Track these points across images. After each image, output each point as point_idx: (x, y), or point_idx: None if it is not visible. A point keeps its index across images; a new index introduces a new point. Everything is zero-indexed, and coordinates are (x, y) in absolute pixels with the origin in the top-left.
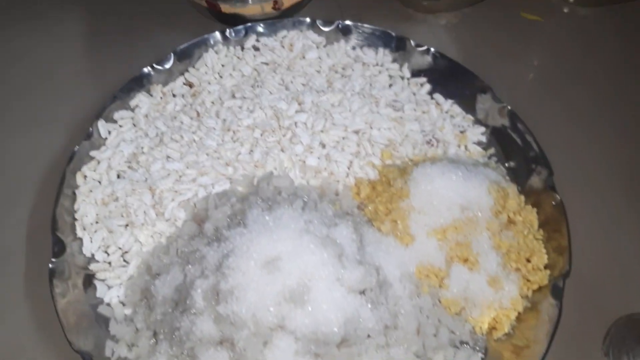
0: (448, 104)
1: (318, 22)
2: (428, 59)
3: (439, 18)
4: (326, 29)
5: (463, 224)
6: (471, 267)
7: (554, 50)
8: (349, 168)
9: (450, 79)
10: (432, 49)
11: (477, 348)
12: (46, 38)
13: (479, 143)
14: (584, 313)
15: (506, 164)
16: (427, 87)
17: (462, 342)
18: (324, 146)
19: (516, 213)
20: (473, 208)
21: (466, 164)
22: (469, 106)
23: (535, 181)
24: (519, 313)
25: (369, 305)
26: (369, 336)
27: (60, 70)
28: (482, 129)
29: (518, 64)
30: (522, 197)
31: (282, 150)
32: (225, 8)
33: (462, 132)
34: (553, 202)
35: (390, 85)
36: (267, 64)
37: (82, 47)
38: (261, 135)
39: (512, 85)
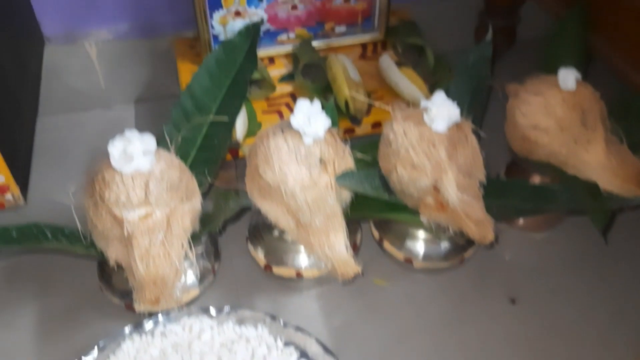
0: None
1: (211, 309)
2: (294, 332)
3: (311, 291)
4: (217, 314)
5: None
6: None
7: (394, 309)
8: None
9: (312, 348)
10: (295, 325)
11: None
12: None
13: None
14: None
15: None
16: (295, 355)
17: None
18: None
19: None
20: None
21: None
22: None
23: None
24: None
25: None
26: None
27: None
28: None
29: (367, 324)
30: None
31: None
32: (138, 308)
33: None
34: None
35: (264, 357)
36: (171, 345)
37: (25, 335)
38: None
39: (358, 344)
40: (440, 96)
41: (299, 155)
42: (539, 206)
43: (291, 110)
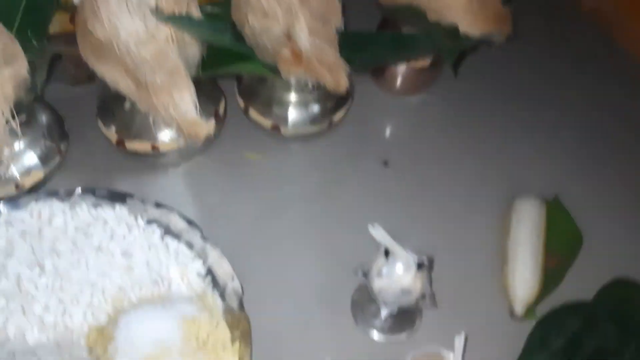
0: (175, 245)
1: (61, 192)
2: (156, 209)
3: (177, 168)
4: (68, 197)
5: (158, 354)
6: None
7: (267, 181)
8: (83, 318)
9: (177, 225)
10: (155, 201)
11: None
12: None
13: (199, 274)
14: None
15: (219, 290)
16: (159, 232)
17: None
18: (61, 302)
19: (209, 335)
20: (165, 340)
21: (165, 303)
22: (190, 244)
23: (233, 302)
24: None
25: None
26: None
27: None
28: (201, 261)
29: (239, 200)
30: (215, 321)
31: (23, 314)
32: None
33: (184, 267)
34: (244, 319)
35: (125, 237)
36: (19, 234)
37: None
38: (6, 303)
39: (229, 221)
40: None
41: (130, 4)
42: (400, 54)
43: None
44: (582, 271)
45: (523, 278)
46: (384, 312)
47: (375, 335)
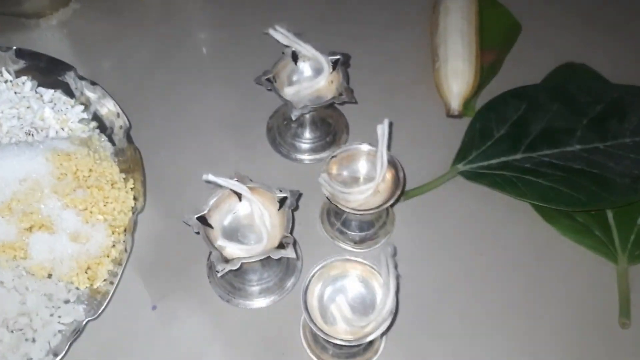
0: (49, 94)
1: None
2: (22, 59)
3: (50, 20)
4: None
5: (25, 195)
6: (49, 231)
7: (163, 20)
8: None
9: (49, 72)
10: (14, 48)
11: (81, 301)
12: None
13: (82, 120)
14: None
15: (106, 133)
16: (29, 84)
17: (66, 301)
18: None
19: (91, 171)
20: (31, 178)
21: (33, 143)
22: (69, 91)
23: (121, 142)
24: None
25: None
26: None
27: None
28: (82, 107)
29: (127, 45)
30: (96, 155)
31: None
32: None
33: (63, 115)
34: (133, 151)
35: None
36: None
37: None
38: None
39: (119, 69)
40: None
41: None
42: None
43: None
44: (523, 62)
45: (456, 70)
46: (306, 132)
47: (298, 157)
